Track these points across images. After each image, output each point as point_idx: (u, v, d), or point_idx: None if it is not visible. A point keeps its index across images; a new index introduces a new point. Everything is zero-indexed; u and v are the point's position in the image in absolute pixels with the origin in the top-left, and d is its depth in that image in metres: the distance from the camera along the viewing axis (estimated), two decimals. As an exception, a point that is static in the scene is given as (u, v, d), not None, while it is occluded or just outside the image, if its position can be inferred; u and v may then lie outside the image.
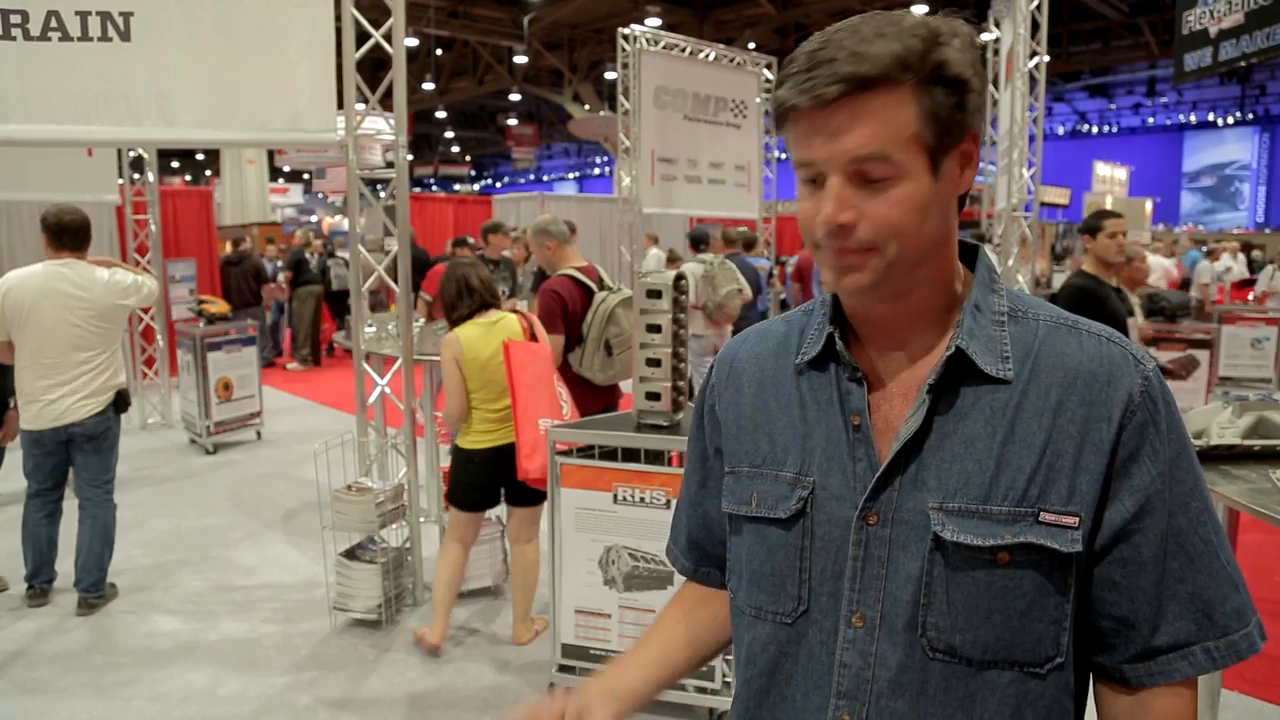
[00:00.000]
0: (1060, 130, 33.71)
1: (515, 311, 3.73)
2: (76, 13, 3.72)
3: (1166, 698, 0.90)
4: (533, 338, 3.61)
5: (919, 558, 0.89)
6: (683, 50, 8.65)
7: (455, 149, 37.51)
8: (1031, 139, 8.27)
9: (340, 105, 4.10)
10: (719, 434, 1.08)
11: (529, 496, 3.61)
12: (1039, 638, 0.88)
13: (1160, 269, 12.46)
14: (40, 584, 4.11)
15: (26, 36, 3.69)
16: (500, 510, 3.82)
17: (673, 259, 9.96)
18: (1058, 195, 19.40)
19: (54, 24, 3.73)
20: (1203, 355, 6.90)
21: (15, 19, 3.66)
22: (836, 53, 0.83)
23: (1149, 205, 22.62)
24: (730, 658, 3.04)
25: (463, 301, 3.57)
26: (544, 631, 3.72)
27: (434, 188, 35.62)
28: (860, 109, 0.84)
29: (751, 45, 15.94)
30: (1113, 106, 32.06)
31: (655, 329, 3.12)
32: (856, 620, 0.91)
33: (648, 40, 8.23)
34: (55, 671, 3.55)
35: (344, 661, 3.62)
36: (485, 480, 3.58)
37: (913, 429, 0.90)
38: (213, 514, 5.50)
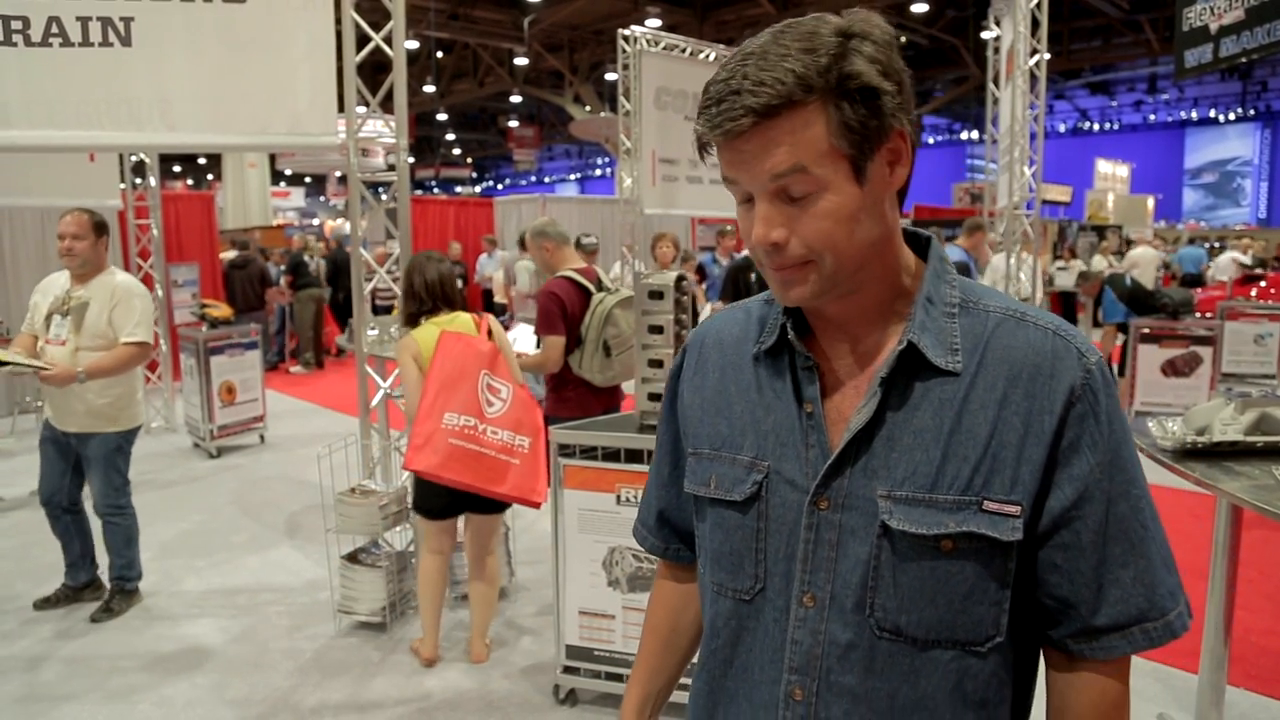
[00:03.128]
0: (1061, 128, 33.70)
1: (472, 311, 3.62)
2: (77, 18, 3.73)
3: (1103, 672, 0.96)
4: (489, 335, 3.48)
5: (868, 543, 0.93)
6: (683, 51, 8.65)
7: (456, 151, 37.55)
8: (1033, 137, 8.26)
9: (341, 108, 4.11)
10: (685, 417, 1.12)
11: (485, 504, 3.46)
12: (980, 619, 0.92)
13: (1153, 260, 12.45)
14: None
15: (28, 42, 3.70)
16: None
17: (686, 258, 9.96)
18: (1059, 193, 19.39)
19: (55, 30, 3.74)
20: (1205, 352, 6.90)
21: (16, 25, 3.67)
22: (741, 84, 0.86)
23: (1151, 202, 22.61)
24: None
25: (415, 300, 3.50)
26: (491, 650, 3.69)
27: (435, 190, 35.67)
28: (771, 133, 0.86)
29: (751, 45, 15.91)
30: (1114, 103, 32.05)
31: (657, 330, 3.12)
32: (807, 600, 0.96)
33: (648, 41, 8.23)
34: (63, 676, 3.55)
35: (349, 664, 3.62)
36: (440, 485, 3.35)
37: (864, 420, 0.93)
38: (216, 517, 5.51)
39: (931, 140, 33.46)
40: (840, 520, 0.94)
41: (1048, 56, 8.40)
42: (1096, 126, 33.48)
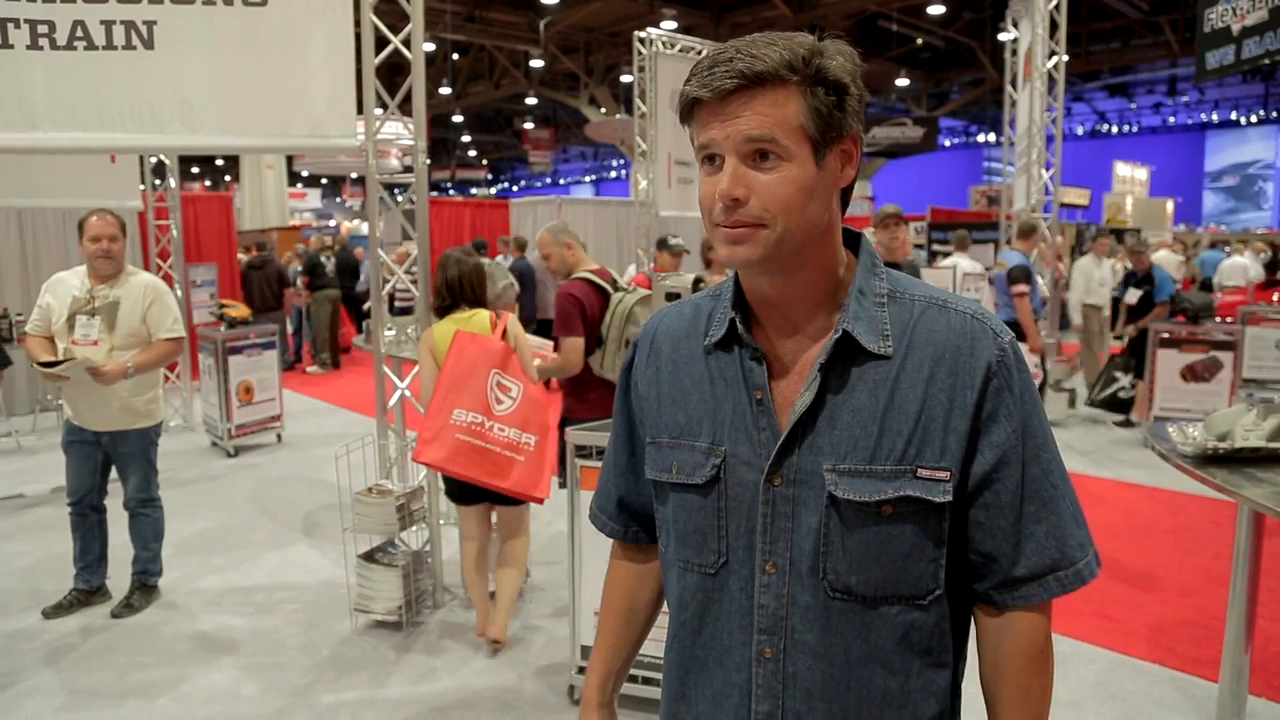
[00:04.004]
0: (1079, 130, 33.49)
1: (490, 309, 3.76)
2: (101, 22, 3.77)
3: (1027, 617, 1.08)
4: (503, 336, 3.60)
5: (818, 513, 1.03)
6: (699, 53, 8.66)
7: (472, 153, 37.67)
8: (1050, 139, 8.23)
9: (359, 110, 4.13)
10: (642, 408, 1.21)
11: (506, 496, 3.61)
12: (920, 575, 1.04)
13: (1172, 264, 12.33)
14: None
15: (54, 46, 3.74)
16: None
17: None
18: (1077, 196, 19.27)
19: (80, 33, 3.78)
20: (1226, 357, 6.84)
21: (43, 29, 3.72)
22: (734, 55, 0.98)
23: (1170, 205, 22.43)
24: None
25: (438, 296, 3.70)
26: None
27: (451, 191, 35.78)
28: (753, 99, 0.98)
29: (768, 47, 15.89)
30: (1133, 106, 31.82)
31: (674, 332, 3.12)
32: (769, 568, 1.06)
33: (664, 43, 8.25)
34: (84, 669, 3.59)
35: (365, 662, 3.64)
36: None
37: (807, 402, 1.04)
38: (234, 516, 5.55)
39: (948, 143, 33.30)
40: (793, 494, 1.04)
41: (1066, 58, 8.36)
42: (1115, 129, 33.26)
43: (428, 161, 4.35)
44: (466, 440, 3.36)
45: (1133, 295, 7.95)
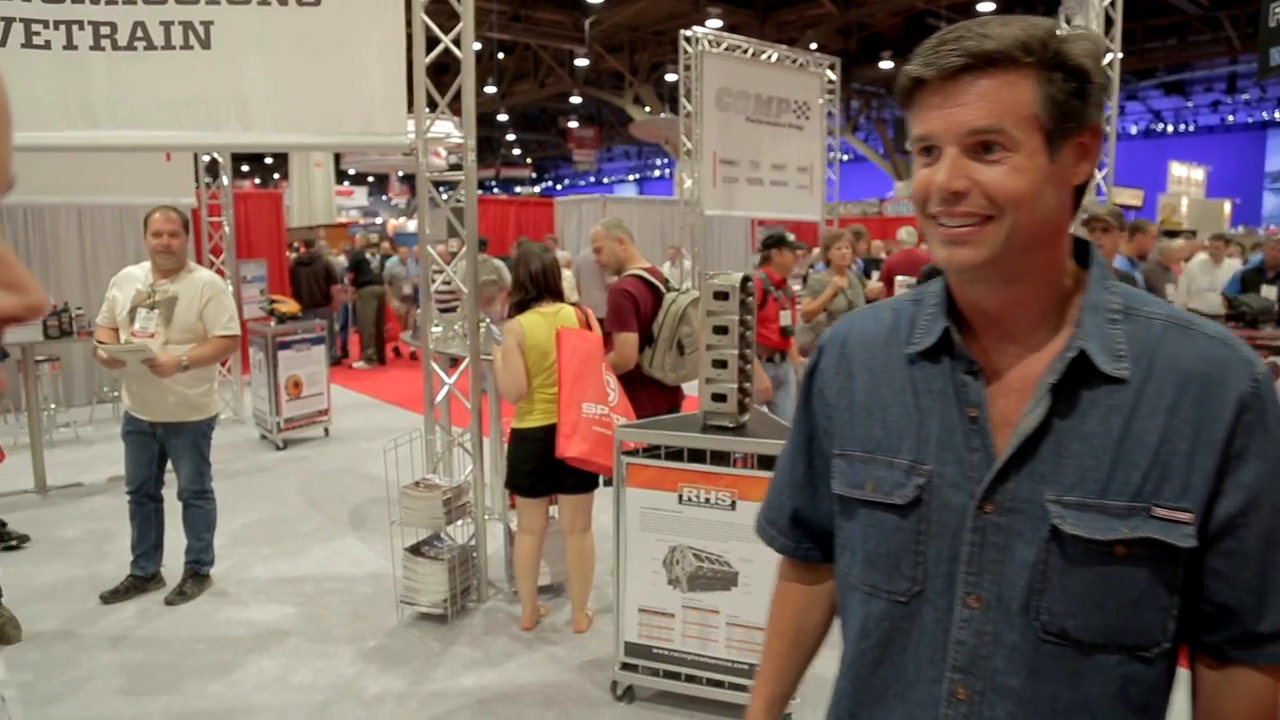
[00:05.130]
0: (1133, 130, 32.77)
1: (575, 305, 3.83)
2: (161, 23, 3.86)
3: (1258, 676, 0.94)
4: (589, 328, 3.74)
5: (1035, 546, 0.93)
6: (744, 51, 8.63)
7: (516, 151, 37.89)
8: (1104, 139, 8.08)
9: (410, 109, 4.18)
10: (829, 417, 1.12)
11: (578, 484, 3.70)
12: (1148, 625, 0.93)
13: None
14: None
15: (115, 46, 3.83)
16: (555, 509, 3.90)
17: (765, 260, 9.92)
18: (1130, 196, 18.87)
19: (140, 34, 3.87)
20: (1287, 362, 6.64)
21: (105, 30, 3.81)
22: (964, 34, 0.90)
23: (1228, 206, 21.85)
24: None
25: (521, 290, 3.74)
26: (594, 621, 3.89)
27: (495, 190, 36.05)
28: (981, 83, 0.89)
29: (814, 46, 15.83)
30: (1189, 104, 31.05)
31: (722, 330, 3.12)
32: (972, 601, 0.96)
33: (709, 42, 8.22)
34: (141, 655, 3.68)
35: (410, 654, 3.69)
36: (542, 460, 3.64)
37: (1033, 425, 0.93)
38: (284, 508, 5.65)
39: (997, 142, 32.77)
40: (1006, 524, 0.94)
41: (1121, 56, 8.19)
42: (1170, 128, 32.47)
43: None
44: (601, 432, 3.49)
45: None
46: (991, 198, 0.90)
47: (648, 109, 23.09)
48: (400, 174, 25.46)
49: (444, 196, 4.61)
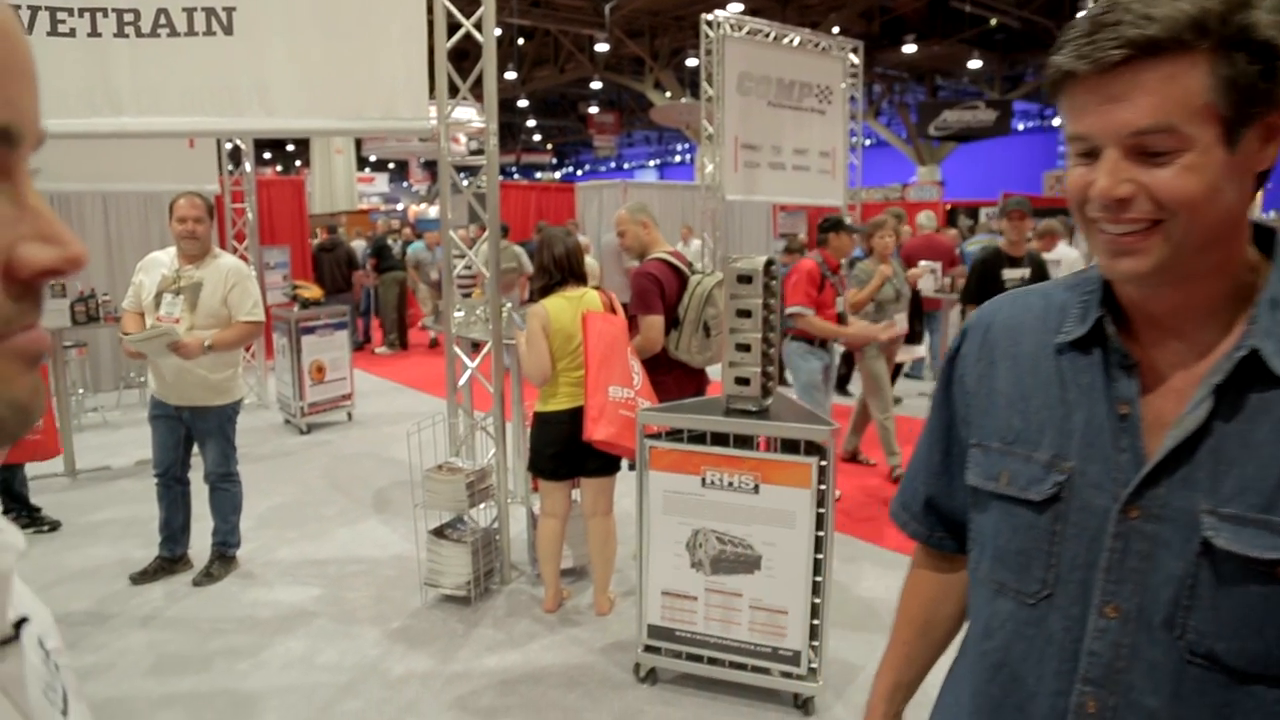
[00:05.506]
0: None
1: (597, 289, 3.83)
2: (183, 9, 3.88)
3: None
4: (613, 312, 3.74)
5: (1183, 559, 0.85)
6: (766, 35, 8.57)
7: (537, 137, 37.87)
8: None
9: (431, 94, 4.18)
10: (968, 404, 1.06)
11: (600, 467, 3.72)
12: None
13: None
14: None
15: (139, 33, 3.86)
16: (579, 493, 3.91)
17: (790, 250, 9.86)
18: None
19: (163, 21, 3.89)
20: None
21: (129, 17, 3.84)
22: (1123, 15, 0.78)
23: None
24: (817, 644, 3.03)
25: (545, 274, 3.74)
26: (616, 604, 3.92)
27: (516, 176, 36.05)
28: (1145, 75, 0.78)
29: (836, 30, 15.68)
30: None
31: (745, 314, 3.11)
32: (1110, 611, 0.89)
33: (731, 26, 8.17)
34: (169, 635, 3.73)
35: (434, 635, 3.72)
36: (566, 443, 3.65)
37: (1191, 427, 0.85)
38: (308, 491, 5.70)
39: (1021, 126, 32.45)
40: (1153, 532, 0.87)
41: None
42: None
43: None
44: (627, 415, 3.50)
45: None
46: (1160, 203, 0.80)
47: (668, 94, 22.99)
48: (421, 160, 25.52)
49: (465, 182, 4.61)
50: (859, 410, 6.04)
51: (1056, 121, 31.82)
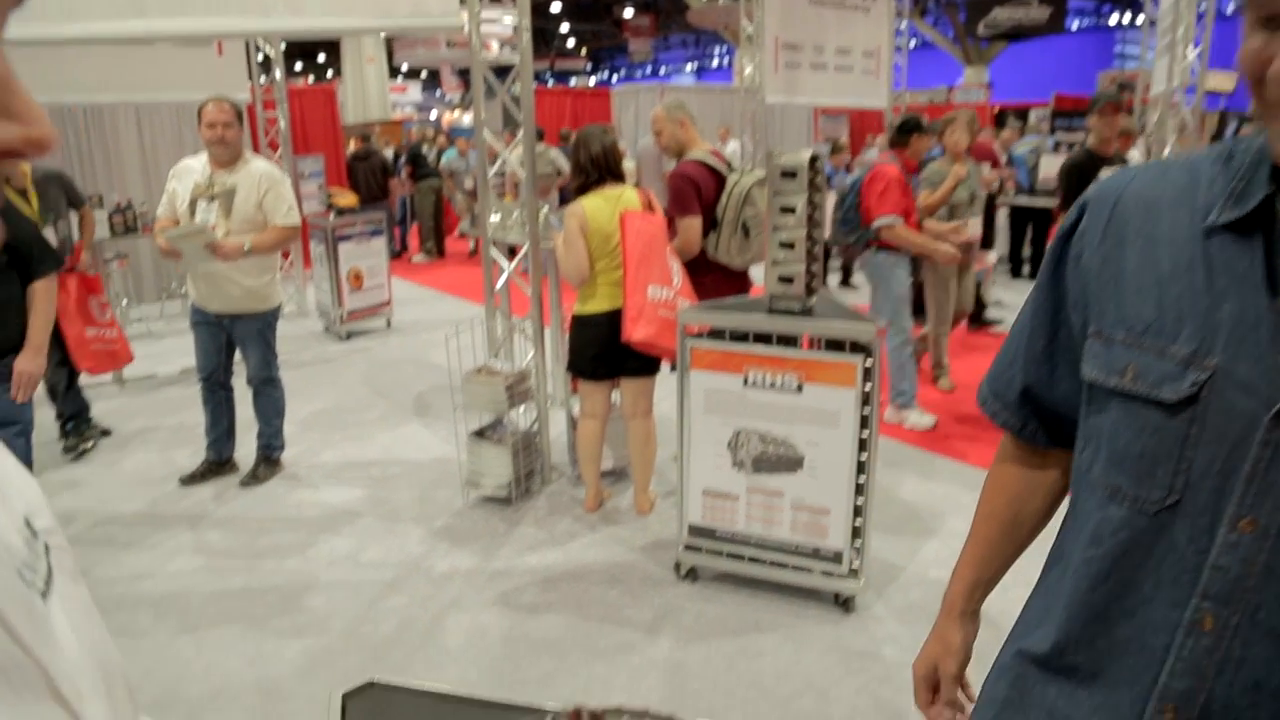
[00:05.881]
0: (1230, 9, 30.69)
1: (636, 186, 3.75)
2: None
3: None
4: (651, 211, 3.66)
5: None
6: (810, -74, 8.15)
7: (570, 43, 36.99)
8: (1200, 16, 7.52)
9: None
10: (1086, 287, 0.94)
11: (640, 368, 3.68)
12: None
13: None
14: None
15: (163, -72, 3.73)
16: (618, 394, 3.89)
17: (837, 149, 9.61)
18: (1223, 80, 17.77)
19: None
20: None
21: (153, -85, 3.71)
22: None
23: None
24: (859, 544, 3.01)
25: (582, 174, 3.66)
26: (656, 504, 3.94)
27: (550, 82, 35.37)
28: None
29: (882, -80, 14.92)
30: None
31: (789, 210, 3.00)
32: (1245, 525, 0.80)
33: (773, -83, 7.77)
34: (219, 535, 3.82)
35: (476, 534, 3.76)
36: (605, 344, 3.62)
37: None
38: (349, 396, 5.75)
39: (1076, 24, 31.04)
40: None
41: (1222, -82, 7.55)
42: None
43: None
44: (667, 316, 3.45)
45: None
46: None
47: (705, -5, 22.21)
48: (454, 69, 25.08)
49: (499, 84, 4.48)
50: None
51: (1114, 20, 30.39)
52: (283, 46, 8.75)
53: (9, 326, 3.18)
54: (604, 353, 3.64)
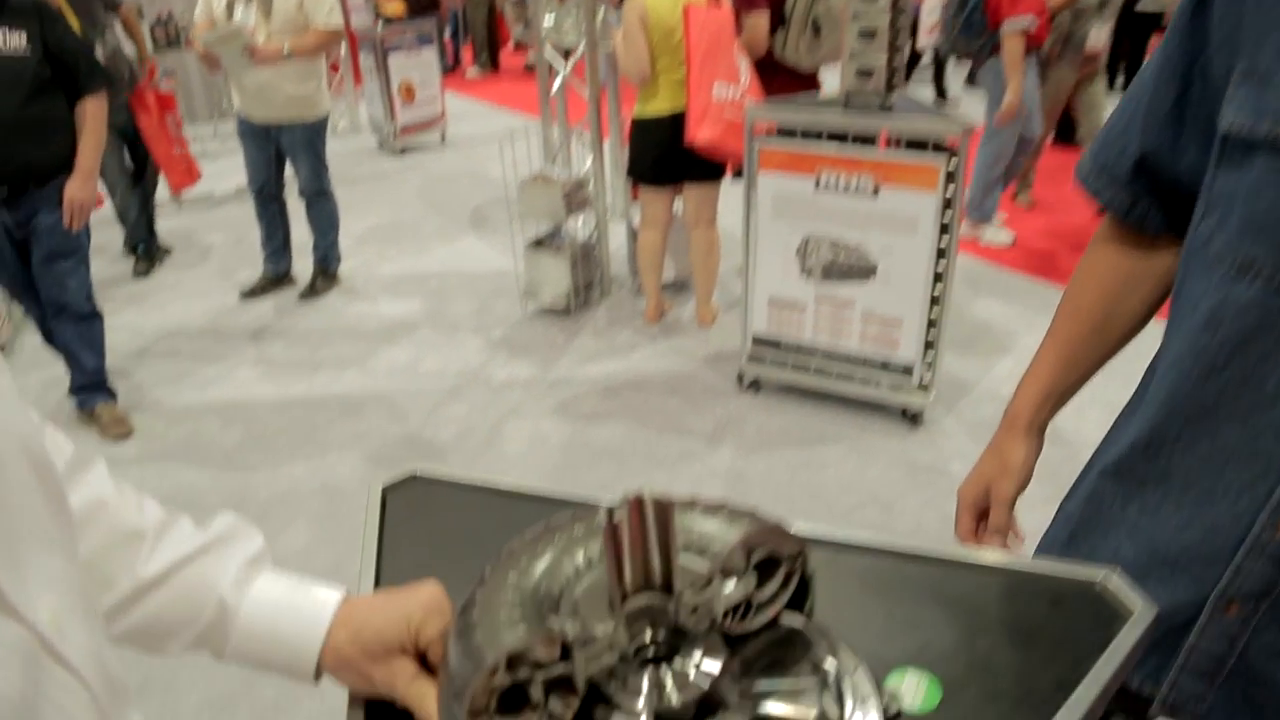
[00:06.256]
0: None
1: None
2: None
3: None
4: (717, 4, 3.36)
5: None
6: None
7: None
8: None
9: None
10: (1238, 23, 0.74)
11: (704, 173, 3.49)
12: None
13: None
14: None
15: None
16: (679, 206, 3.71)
17: None
18: None
19: None
20: None
21: None
22: None
23: None
24: (931, 359, 2.88)
25: None
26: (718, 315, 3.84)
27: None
28: None
29: None
30: None
31: (872, -10, 2.70)
32: None
33: None
34: (280, 347, 3.84)
35: (535, 345, 3.71)
36: (667, 146, 3.42)
37: None
38: (404, 211, 5.66)
39: None
40: None
41: None
42: None
43: None
44: (733, 118, 3.23)
45: None
46: None
47: None
48: None
49: None
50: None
51: None
52: None
53: (56, 144, 2.92)
54: (666, 156, 3.43)
